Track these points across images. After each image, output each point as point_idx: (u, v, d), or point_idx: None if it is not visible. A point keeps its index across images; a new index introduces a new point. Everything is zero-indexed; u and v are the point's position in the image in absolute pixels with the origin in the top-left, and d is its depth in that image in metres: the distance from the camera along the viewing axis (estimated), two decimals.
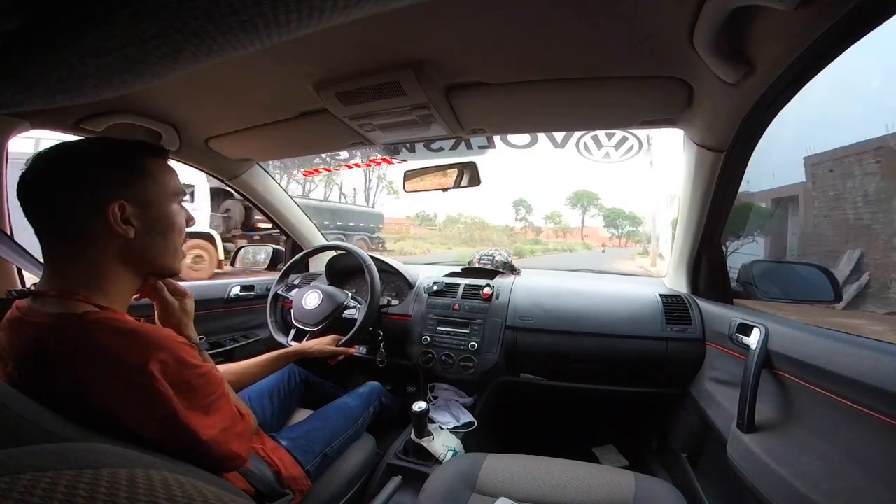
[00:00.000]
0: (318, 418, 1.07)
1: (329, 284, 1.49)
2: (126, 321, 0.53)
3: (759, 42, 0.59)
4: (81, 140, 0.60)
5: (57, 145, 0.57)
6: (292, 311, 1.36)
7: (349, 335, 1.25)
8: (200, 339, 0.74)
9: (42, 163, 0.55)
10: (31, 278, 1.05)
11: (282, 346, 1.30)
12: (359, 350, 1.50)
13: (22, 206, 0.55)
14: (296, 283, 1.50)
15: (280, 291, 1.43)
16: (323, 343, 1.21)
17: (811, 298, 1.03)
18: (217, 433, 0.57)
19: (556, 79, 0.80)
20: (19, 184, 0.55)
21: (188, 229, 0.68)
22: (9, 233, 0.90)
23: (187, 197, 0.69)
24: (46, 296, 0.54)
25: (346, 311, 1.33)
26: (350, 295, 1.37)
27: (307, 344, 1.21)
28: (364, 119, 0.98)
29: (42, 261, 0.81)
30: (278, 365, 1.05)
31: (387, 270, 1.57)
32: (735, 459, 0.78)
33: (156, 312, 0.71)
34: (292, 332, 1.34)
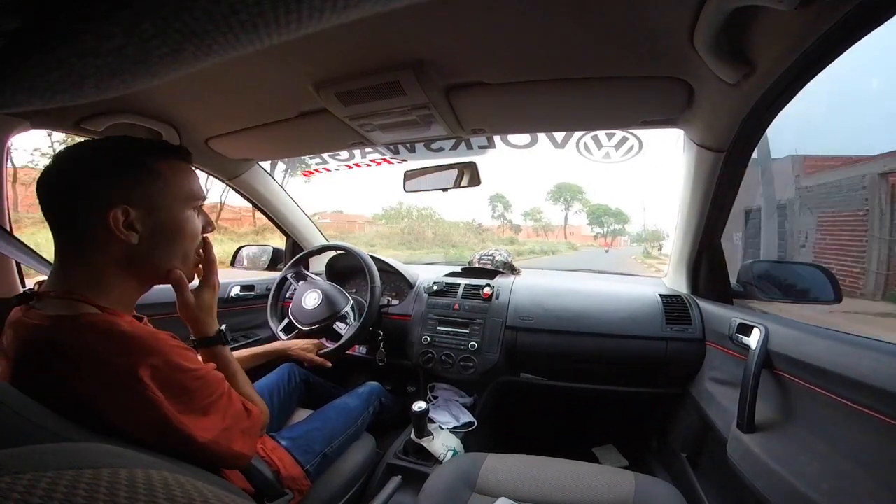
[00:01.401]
0: (318, 418, 1.07)
1: (332, 285, 1.48)
2: (119, 324, 0.51)
3: (760, 42, 0.59)
4: (99, 139, 0.59)
5: (77, 144, 0.57)
6: (291, 305, 1.37)
7: (331, 349, 1.26)
8: (221, 329, 0.73)
9: (58, 162, 0.55)
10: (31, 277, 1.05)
11: (272, 334, 1.33)
12: (359, 350, 1.50)
13: (40, 204, 0.55)
14: (306, 274, 1.49)
15: (289, 276, 1.44)
16: (305, 347, 1.22)
17: (811, 299, 1.03)
18: (216, 434, 0.56)
19: (556, 79, 0.80)
20: (37, 182, 0.55)
21: None
22: (9, 229, 0.90)
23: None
24: (48, 296, 0.54)
25: (337, 324, 1.32)
26: (350, 303, 1.36)
27: (289, 343, 1.22)
28: (364, 119, 0.98)
29: (43, 257, 0.81)
30: (258, 361, 1.08)
31: (387, 270, 1.57)
32: (735, 459, 0.78)
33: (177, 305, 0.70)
34: (285, 321, 1.35)
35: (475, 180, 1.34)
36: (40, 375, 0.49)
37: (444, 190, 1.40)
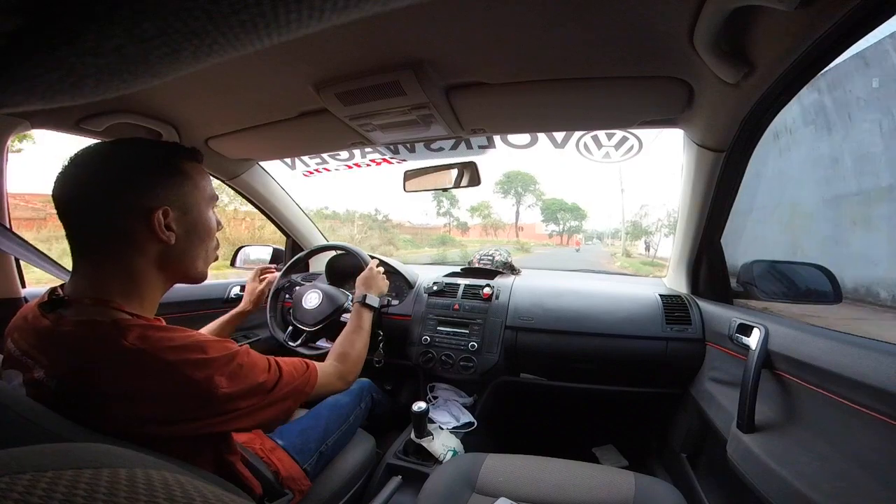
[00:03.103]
0: (311, 417, 1.07)
1: (329, 284, 1.49)
2: (180, 333, 0.54)
3: (759, 42, 0.59)
4: (119, 140, 0.59)
5: (97, 145, 0.56)
6: (291, 310, 1.36)
7: None
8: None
9: (82, 163, 0.54)
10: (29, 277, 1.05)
11: (279, 343, 1.31)
12: None
13: (57, 206, 0.53)
14: (298, 280, 1.49)
15: (282, 287, 1.43)
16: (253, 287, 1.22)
17: (811, 298, 1.03)
18: (287, 409, 0.63)
19: (556, 79, 0.80)
20: (57, 184, 0.53)
21: None
22: (8, 226, 0.90)
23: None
24: (80, 303, 0.53)
25: (344, 316, 1.32)
26: (351, 297, 1.37)
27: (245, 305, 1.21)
28: (364, 119, 0.98)
29: (44, 254, 0.80)
30: (231, 325, 1.13)
31: (387, 270, 1.57)
32: (735, 459, 0.78)
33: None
34: (289, 329, 1.35)
35: (475, 180, 1.34)
36: (93, 383, 0.49)
37: (444, 190, 1.40)
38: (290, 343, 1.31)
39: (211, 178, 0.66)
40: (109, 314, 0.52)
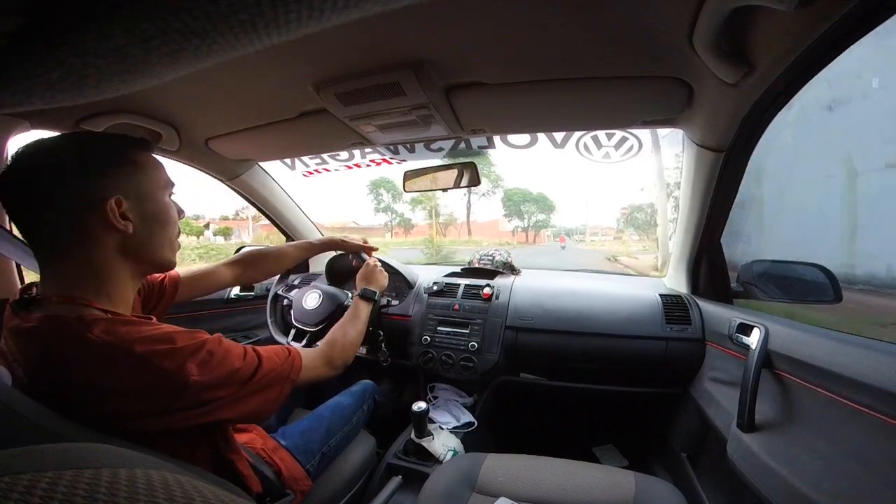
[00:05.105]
0: (314, 418, 1.07)
1: (329, 284, 1.49)
2: (147, 326, 0.53)
3: (759, 42, 0.60)
4: (64, 135, 0.58)
5: (38, 141, 0.55)
6: (292, 312, 1.36)
7: None
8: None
9: (26, 160, 0.53)
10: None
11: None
12: (359, 351, 1.50)
13: (6, 206, 0.53)
14: (296, 283, 1.50)
15: (280, 291, 1.43)
16: (354, 239, 1.24)
17: (811, 298, 1.03)
18: (273, 399, 0.63)
19: (556, 79, 0.81)
20: (3, 181, 0.52)
21: None
22: (8, 229, 0.90)
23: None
24: (48, 300, 0.53)
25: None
26: (350, 295, 1.37)
27: (338, 237, 1.23)
28: (364, 119, 0.98)
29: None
30: (308, 254, 1.19)
31: (387, 270, 1.57)
32: (735, 459, 0.78)
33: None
34: (292, 332, 1.34)
35: (475, 180, 1.34)
36: (61, 378, 0.49)
37: (444, 190, 1.40)
38: (294, 344, 1.30)
39: (163, 165, 0.65)
40: (76, 310, 0.52)
